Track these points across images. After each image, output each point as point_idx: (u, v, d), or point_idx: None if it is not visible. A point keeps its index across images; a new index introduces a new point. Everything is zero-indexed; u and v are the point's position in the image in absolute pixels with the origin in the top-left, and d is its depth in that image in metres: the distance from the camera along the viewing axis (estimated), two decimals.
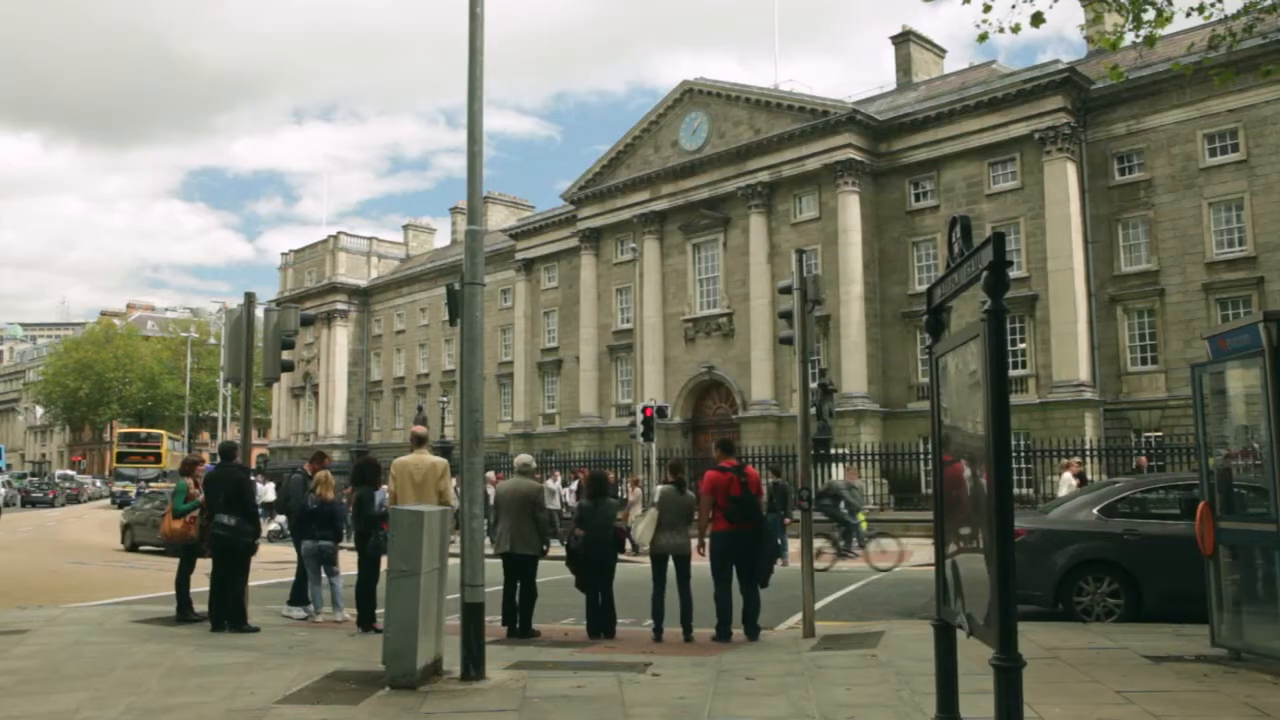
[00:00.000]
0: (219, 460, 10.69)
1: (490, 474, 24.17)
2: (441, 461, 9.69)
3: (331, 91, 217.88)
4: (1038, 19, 8.74)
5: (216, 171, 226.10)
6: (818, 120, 36.77)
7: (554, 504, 22.77)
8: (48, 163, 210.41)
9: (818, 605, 9.87)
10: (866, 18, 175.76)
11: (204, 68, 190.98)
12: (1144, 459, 24.04)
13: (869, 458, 31.60)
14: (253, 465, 30.62)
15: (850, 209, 35.95)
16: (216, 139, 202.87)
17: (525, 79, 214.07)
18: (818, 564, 11.75)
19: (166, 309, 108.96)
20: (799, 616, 9.64)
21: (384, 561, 9.94)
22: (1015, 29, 8.82)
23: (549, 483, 24.66)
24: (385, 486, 9.97)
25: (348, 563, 10.56)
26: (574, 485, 24.16)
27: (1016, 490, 17.01)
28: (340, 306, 64.61)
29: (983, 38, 9.08)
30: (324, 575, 10.64)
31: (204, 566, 10.07)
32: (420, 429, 10.46)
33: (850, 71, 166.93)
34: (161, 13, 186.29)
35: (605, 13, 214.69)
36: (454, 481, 9.88)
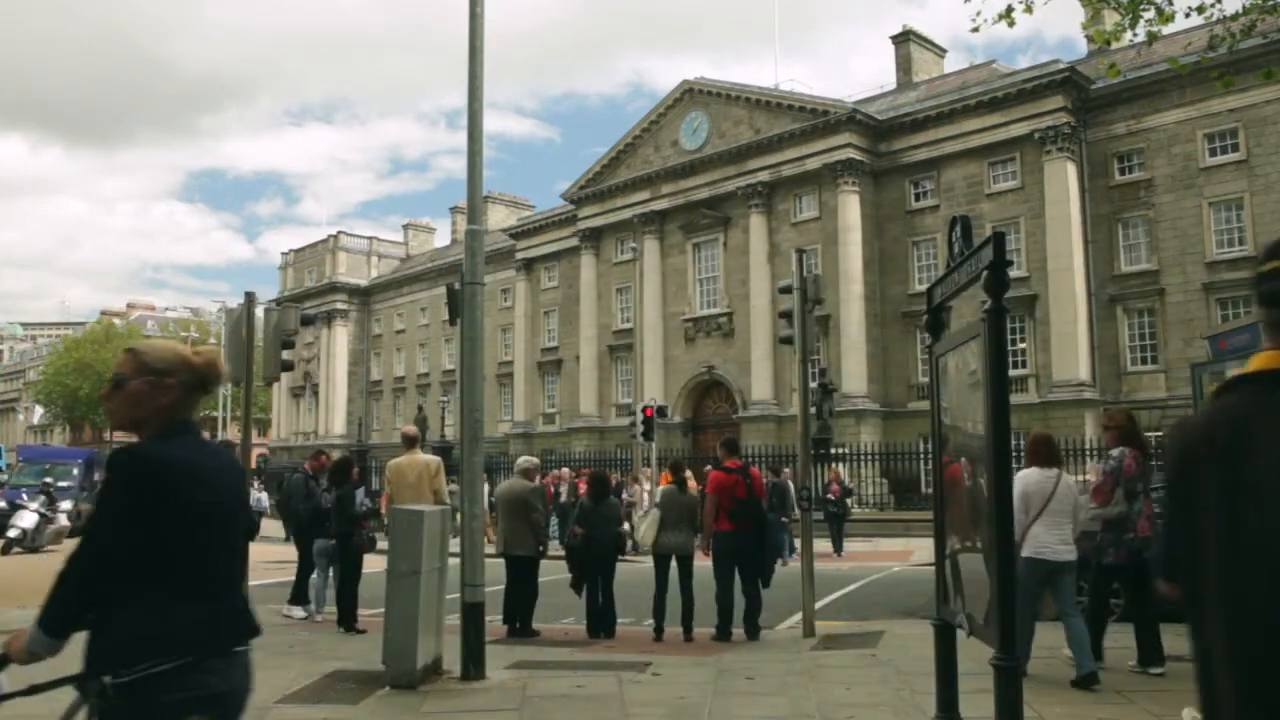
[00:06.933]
0: None
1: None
2: (434, 460, 9.68)
3: (323, 93, 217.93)
4: (1007, 16, 8.76)
5: (217, 173, 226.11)
6: (818, 120, 36.77)
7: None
8: (36, 165, 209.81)
9: (818, 605, 9.86)
10: (850, 22, 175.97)
11: (188, 69, 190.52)
12: None
13: (869, 457, 31.62)
14: (253, 465, 30.19)
15: (850, 209, 35.96)
16: (203, 140, 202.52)
17: (525, 81, 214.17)
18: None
19: (167, 309, 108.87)
20: (799, 616, 9.64)
21: (368, 561, 9.98)
22: (1006, 19, 8.81)
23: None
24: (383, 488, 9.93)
25: None
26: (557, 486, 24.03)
27: None
28: (340, 306, 64.60)
29: (975, 29, 9.11)
30: (331, 574, 10.62)
31: None
32: (410, 429, 10.38)
33: (841, 76, 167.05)
34: (143, 14, 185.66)
35: (605, 14, 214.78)
36: (451, 482, 9.88)
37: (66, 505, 23.29)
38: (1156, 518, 6.82)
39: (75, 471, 26.99)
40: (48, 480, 22.86)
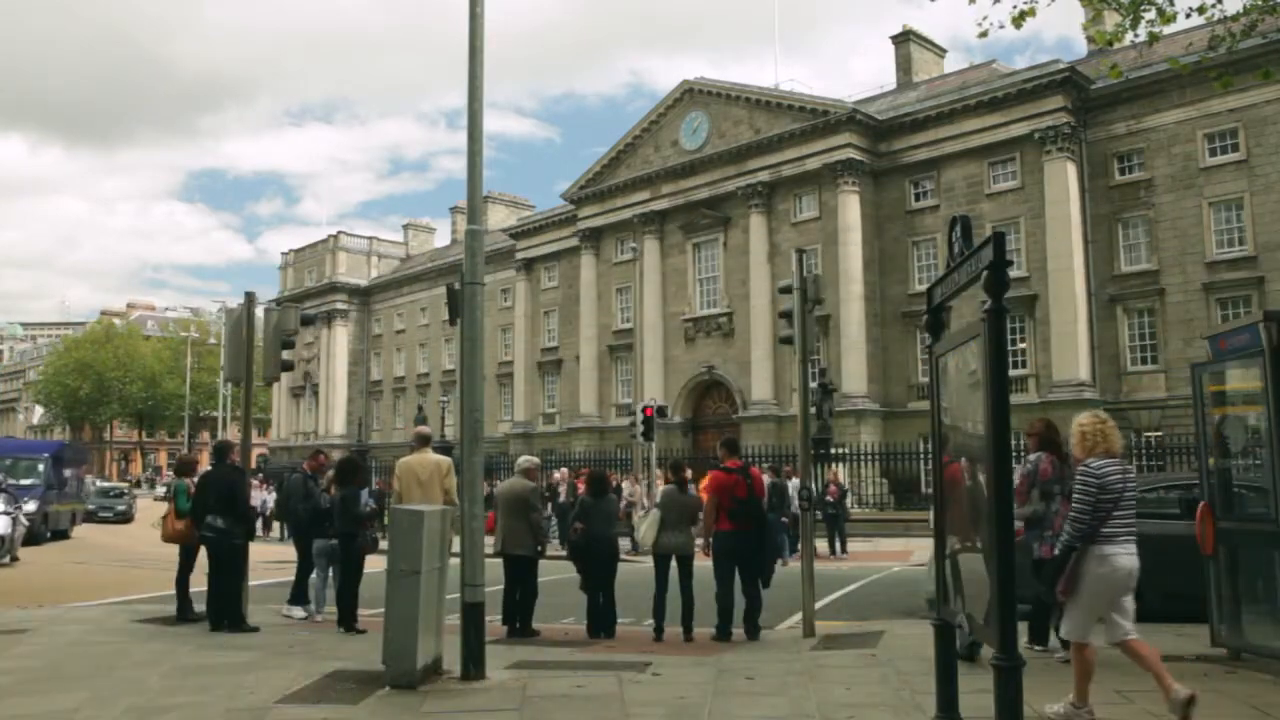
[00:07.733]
0: (213, 460, 10.66)
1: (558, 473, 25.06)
2: (446, 459, 9.69)
3: (323, 93, 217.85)
4: (1019, 20, 8.71)
5: (217, 173, 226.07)
6: (818, 120, 36.79)
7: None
8: (36, 165, 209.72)
9: (818, 605, 9.87)
10: (850, 22, 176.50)
11: (189, 69, 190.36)
12: None
13: (869, 457, 31.61)
14: (253, 465, 29.98)
15: (850, 209, 35.97)
16: (203, 140, 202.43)
17: (525, 81, 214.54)
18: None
19: (167, 309, 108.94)
20: (799, 616, 9.64)
21: (368, 560, 9.97)
22: (1016, 23, 8.77)
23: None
24: (392, 486, 9.93)
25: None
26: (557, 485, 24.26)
27: None
28: (340, 306, 64.63)
29: (983, 34, 9.07)
30: (331, 574, 10.61)
31: (203, 566, 10.07)
32: (423, 429, 10.51)
33: (841, 76, 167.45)
34: (143, 14, 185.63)
35: (605, 14, 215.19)
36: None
37: (30, 507, 20.05)
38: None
39: (40, 467, 23.46)
40: (8, 479, 19.73)
